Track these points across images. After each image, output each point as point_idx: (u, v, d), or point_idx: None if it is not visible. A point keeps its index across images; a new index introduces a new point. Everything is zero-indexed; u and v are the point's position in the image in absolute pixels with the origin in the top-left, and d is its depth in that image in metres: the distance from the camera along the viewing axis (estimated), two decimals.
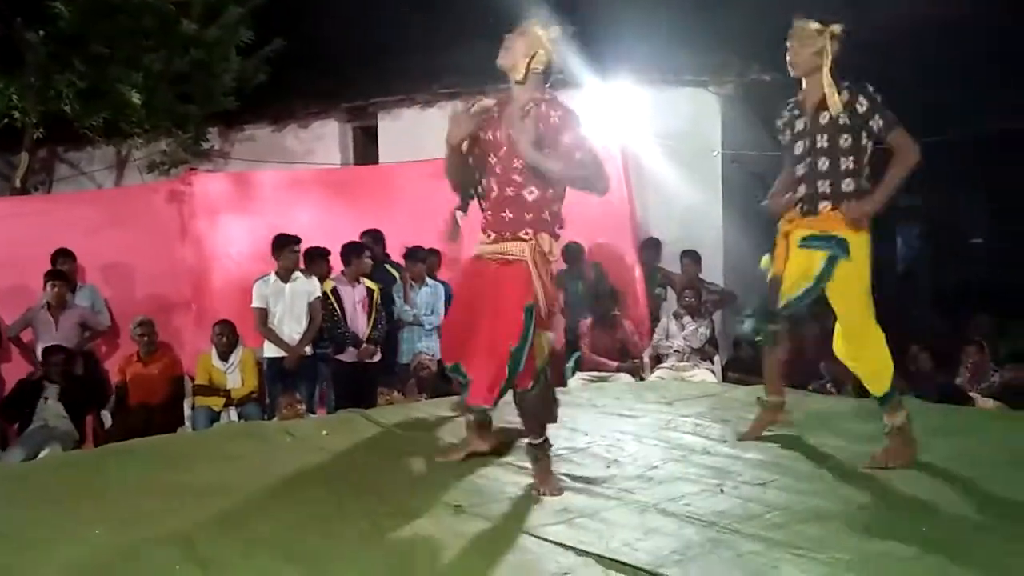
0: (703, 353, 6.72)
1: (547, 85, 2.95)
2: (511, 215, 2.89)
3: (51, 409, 5.88)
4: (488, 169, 2.97)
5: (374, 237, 6.76)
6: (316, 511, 2.74)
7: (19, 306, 6.49)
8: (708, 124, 7.90)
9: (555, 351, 3.16)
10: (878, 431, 3.29)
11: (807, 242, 3.17)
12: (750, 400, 4.41)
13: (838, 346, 3.23)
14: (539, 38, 2.86)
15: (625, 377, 6.24)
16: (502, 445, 3.32)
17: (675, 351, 6.60)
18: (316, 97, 9.34)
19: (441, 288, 6.62)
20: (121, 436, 5.13)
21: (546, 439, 2.95)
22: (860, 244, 3.09)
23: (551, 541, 2.43)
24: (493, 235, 2.93)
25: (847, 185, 3.10)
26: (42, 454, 5.43)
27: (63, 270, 6.45)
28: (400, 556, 2.36)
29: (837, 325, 3.21)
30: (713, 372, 6.56)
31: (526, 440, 2.99)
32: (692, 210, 7.61)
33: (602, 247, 7.06)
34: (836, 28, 3.11)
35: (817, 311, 3.42)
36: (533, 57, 2.86)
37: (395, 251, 6.87)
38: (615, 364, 6.41)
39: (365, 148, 9.54)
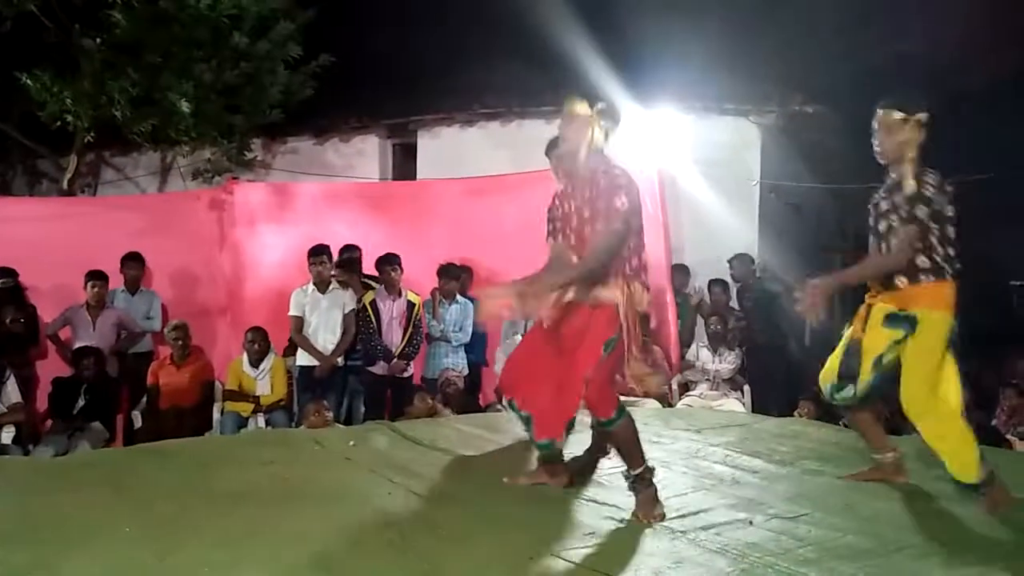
0: (733, 383, 6.66)
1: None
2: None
3: (85, 407, 5.97)
4: (565, 239, 3.02)
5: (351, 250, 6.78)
6: (341, 520, 2.74)
7: (60, 305, 6.62)
8: (748, 153, 7.89)
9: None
10: (907, 468, 3.23)
11: (890, 322, 3.15)
12: (780, 432, 4.36)
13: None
14: (589, 119, 2.92)
15: (653, 403, 6.19)
16: (574, 478, 3.24)
17: (705, 379, 6.54)
18: (358, 113, 9.49)
19: (471, 306, 6.63)
20: (151, 437, 5.19)
21: (646, 467, 2.91)
22: (930, 323, 3.07)
23: (579, 565, 2.40)
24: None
25: (922, 262, 3.09)
26: (72, 452, 5.51)
27: (102, 271, 6.58)
28: (425, 569, 2.35)
29: None
30: (742, 402, 6.49)
31: (628, 474, 2.94)
32: (728, 238, 7.57)
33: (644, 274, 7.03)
34: (922, 116, 3.12)
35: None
36: (591, 136, 2.93)
37: (428, 267, 6.91)
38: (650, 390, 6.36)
39: (404, 164, 9.65)
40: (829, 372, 3.32)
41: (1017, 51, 8.06)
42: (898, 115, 3.12)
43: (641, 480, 2.88)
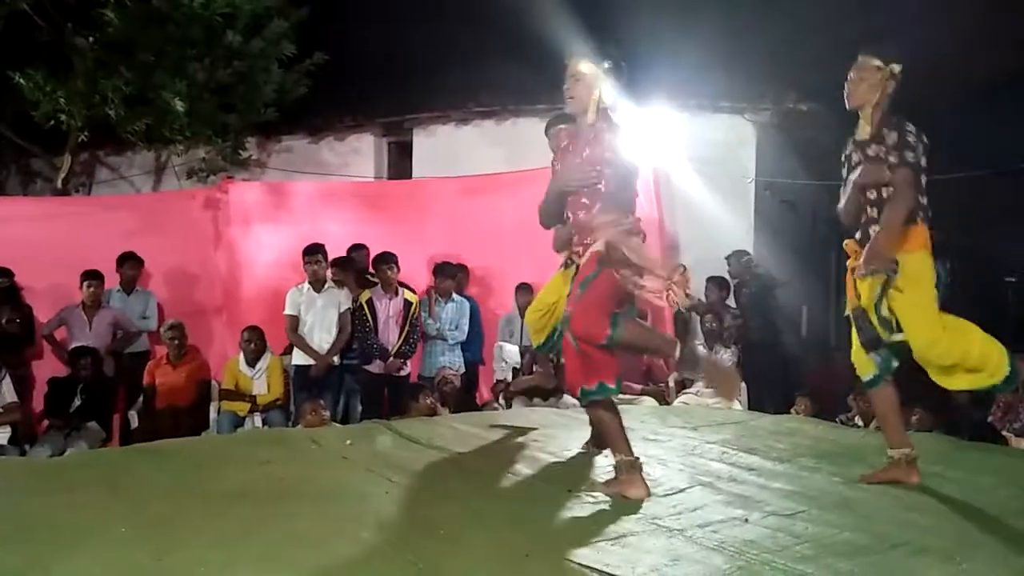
0: None
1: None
2: (588, 234, 3.02)
3: (81, 407, 5.96)
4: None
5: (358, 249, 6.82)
6: (338, 519, 2.74)
7: (56, 304, 6.61)
8: (743, 151, 7.90)
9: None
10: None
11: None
12: (776, 429, 4.37)
13: (932, 375, 3.20)
14: (596, 76, 3.00)
15: (649, 401, 6.20)
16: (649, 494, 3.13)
17: (701, 376, 6.54)
18: (353, 111, 9.47)
19: (467, 304, 6.64)
20: (147, 437, 5.18)
21: (637, 458, 3.00)
22: (912, 265, 3.09)
23: (576, 563, 2.40)
24: (581, 249, 3.08)
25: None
26: (68, 452, 5.50)
27: (98, 271, 6.56)
28: (421, 568, 2.35)
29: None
30: (739, 400, 6.49)
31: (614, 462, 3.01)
32: (723, 235, 7.58)
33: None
34: (896, 67, 3.18)
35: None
36: (598, 95, 3.01)
37: (424, 266, 6.92)
38: (640, 387, 6.37)
39: (399, 163, 9.64)
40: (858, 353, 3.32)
41: (1012, 50, 8.08)
42: (874, 61, 3.19)
43: (623, 464, 2.98)
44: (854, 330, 3.31)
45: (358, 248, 6.81)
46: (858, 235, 3.26)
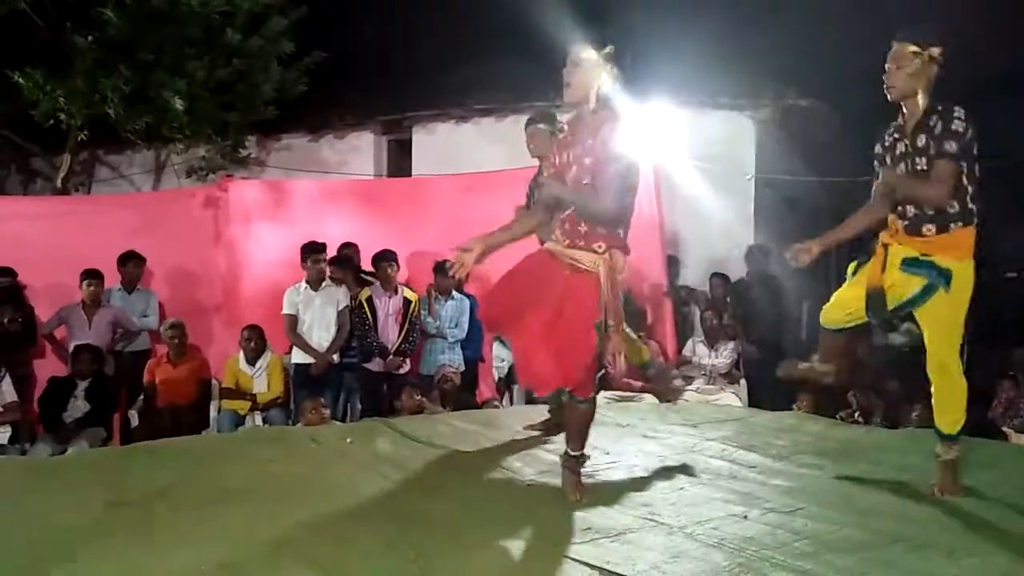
0: (729, 377, 6.67)
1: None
2: (585, 228, 2.93)
3: (80, 407, 5.96)
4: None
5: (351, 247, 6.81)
6: (339, 517, 2.74)
7: (56, 304, 6.60)
8: (743, 147, 7.89)
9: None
10: (905, 461, 3.25)
11: (909, 267, 3.03)
12: (777, 426, 4.37)
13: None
14: (597, 63, 2.93)
15: (650, 398, 6.19)
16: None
17: (702, 374, 6.55)
18: (352, 109, 9.47)
19: (467, 302, 6.63)
20: (148, 436, 5.18)
21: (583, 454, 3.01)
22: (962, 276, 2.98)
23: (576, 560, 2.40)
24: (567, 240, 2.96)
25: (951, 206, 2.96)
26: (70, 450, 5.50)
27: (98, 270, 6.56)
28: (422, 565, 2.35)
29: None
30: (738, 396, 6.50)
31: (564, 450, 3.03)
32: (724, 232, 7.58)
33: (630, 266, 7.04)
34: (935, 50, 3.00)
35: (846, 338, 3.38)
36: (599, 83, 2.94)
37: (424, 264, 6.91)
38: (640, 384, 6.37)
39: (399, 161, 9.64)
40: (834, 308, 3.27)
41: (1011, 48, 8.07)
42: (911, 47, 3.00)
43: (576, 461, 2.99)
44: (847, 284, 3.24)
45: (347, 246, 6.80)
46: (906, 224, 3.05)
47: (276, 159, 9.87)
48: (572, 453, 3.00)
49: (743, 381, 6.74)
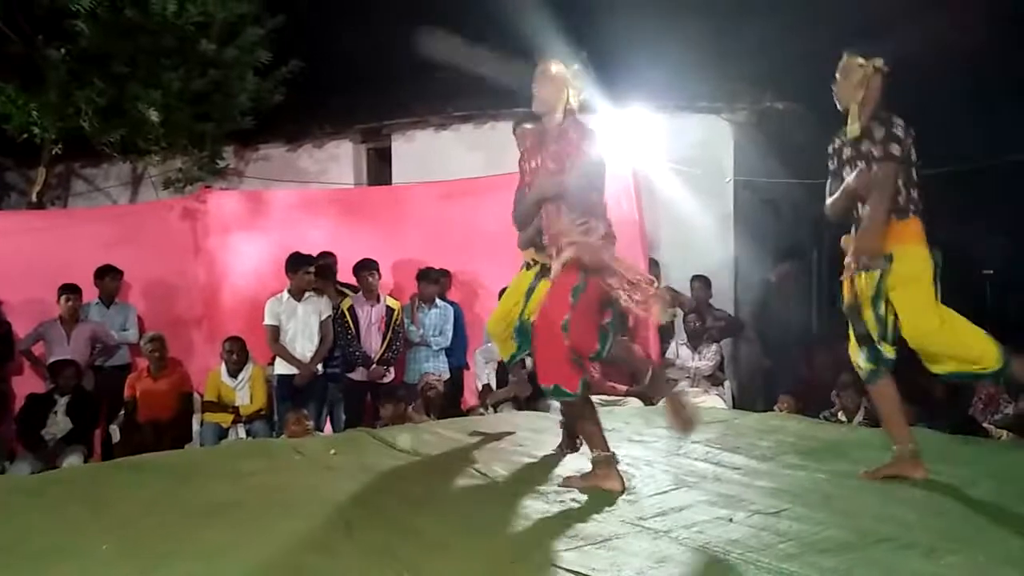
0: (713, 379, 6.70)
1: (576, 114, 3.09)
2: (556, 228, 3.03)
3: (60, 423, 5.89)
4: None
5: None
6: (324, 529, 2.73)
7: (33, 319, 6.53)
8: (720, 151, 7.94)
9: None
10: (887, 460, 3.28)
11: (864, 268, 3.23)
12: (760, 427, 4.40)
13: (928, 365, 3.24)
14: (565, 77, 2.99)
15: (634, 401, 6.21)
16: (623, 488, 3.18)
17: (685, 377, 6.58)
18: (331, 118, 9.42)
19: (451, 309, 6.62)
20: (129, 451, 5.14)
21: (613, 454, 3.05)
22: (907, 255, 3.15)
23: (562, 567, 2.40)
24: (552, 252, 3.08)
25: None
26: (63, 465, 5.44)
27: (76, 284, 6.49)
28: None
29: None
30: (723, 398, 6.53)
31: (591, 454, 3.07)
32: (703, 236, 7.62)
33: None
34: (878, 62, 3.23)
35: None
36: (566, 96, 3.00)
37: (407, 272, 6.89)
38: (624, 388, 6.38)
39: (378, 169, 9.60)
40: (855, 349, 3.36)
41: (988, 48, 8.19)
42: (857, 60, 3.24)
43: (601, 459, 3.03)
44: (851, 326, 3.35)
45: (325, 256, 6.76)
46: (853, 231, 3.29)
47: (254, 169, 9.79)
48: (592, 456, 3.05)
49: (727, 383, 6.77)
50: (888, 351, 3.28)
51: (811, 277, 9.41)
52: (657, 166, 7.50)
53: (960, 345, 3.15)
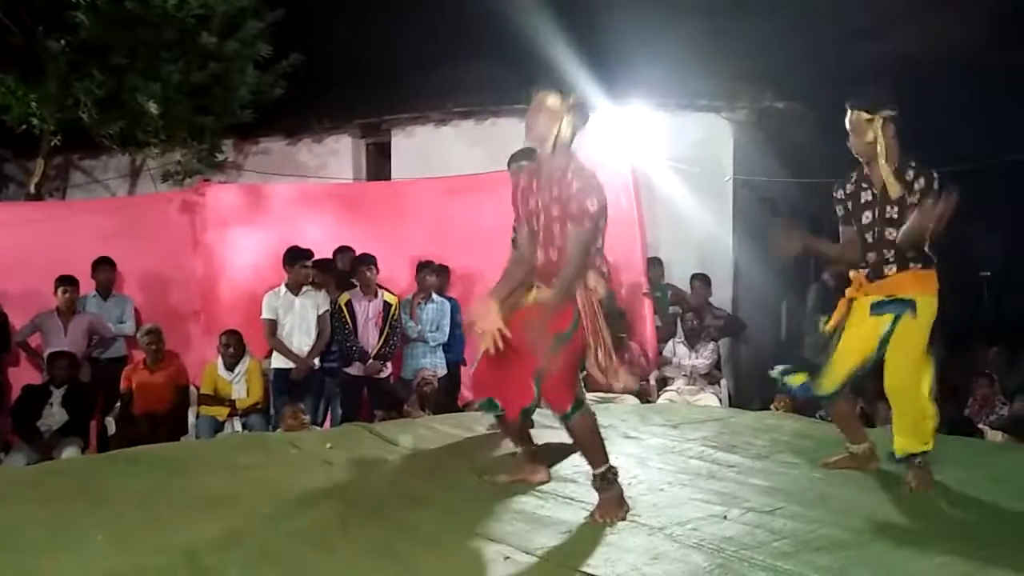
0: (710, 377, 6.71)
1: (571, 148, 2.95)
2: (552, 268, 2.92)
3: (56, 415, 5.89)
4: (531, 234, 2.98)
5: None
6: (319, 524, 2.73)
7: (30, 310, 6.52)
8: (720, 149, 7.94)
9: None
10: (881, 458, 3.29)
11: (876, 309, 3.23)
12: (756, 426, 4.40)
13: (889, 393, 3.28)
14: (559, 110, 2.86)
15: (630, 399, 6.22)
16: (549, 478, 3.23)
17: (682, 375, 6.58)
18: (330, 113, 9.41)
19: (448, 305, 6.62)
20: (125, 443, 5.12)
21: (609, 467, 2.87)
22: (926, 306, 3.17)
23: (556, 563, 2.41)
24: (544, 287, 2.96)
25: (911, 253, 3.19)
26: (61, 456, 5.43)
27: (73, 276, 6.48)
28: (401, 570, 2.34)
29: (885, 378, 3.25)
30: (719, 397, 6.53)
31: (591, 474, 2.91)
32: (703, 234, 7.63)
33: (611, 269, 7.06)
34: (886, 113, 3.17)
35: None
36: (558, 130, 2.87)
37: (405, 267, 6.89)
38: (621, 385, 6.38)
39: (378, 164, 9.59)
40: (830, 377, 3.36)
41: (988, 48, 8.20)
42: (864, 116, 3.19)
43: (603, 480, 2.84)
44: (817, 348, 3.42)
45: (343, 251, 6.76)
46: (868, 271, 3.26)
47: (253, 163, 9.78)
48: (594, 471, 2.86)
49: (723, 382, 6.78)
50: (825, 388, 3.34)
51: (808, 276, 9.42)
52: (657, 164, 7.50)
53: (909, 415, 3.19)
